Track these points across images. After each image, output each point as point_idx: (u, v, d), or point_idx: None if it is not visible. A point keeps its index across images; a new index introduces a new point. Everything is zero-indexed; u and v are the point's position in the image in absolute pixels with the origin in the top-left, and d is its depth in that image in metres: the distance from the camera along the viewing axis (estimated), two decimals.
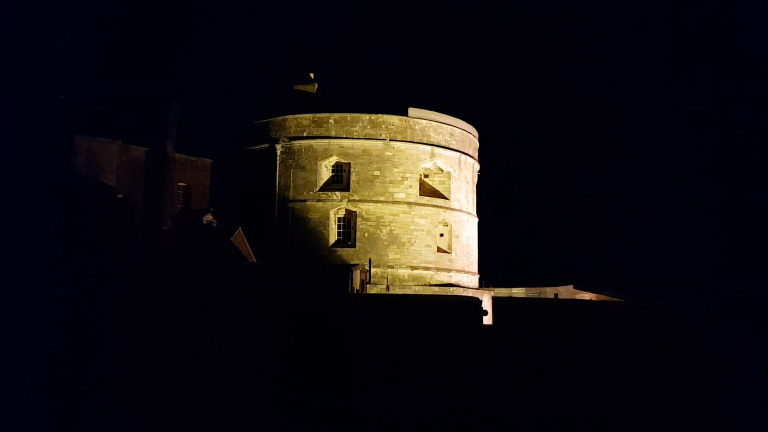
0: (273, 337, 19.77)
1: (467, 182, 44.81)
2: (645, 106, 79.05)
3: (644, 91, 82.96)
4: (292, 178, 40.85)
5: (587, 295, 42.54)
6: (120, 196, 36.30)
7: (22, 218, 21.91)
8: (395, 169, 40.78)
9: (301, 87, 46.00)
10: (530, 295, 43.27)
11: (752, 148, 70.65)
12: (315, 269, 37.42)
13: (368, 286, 37.32)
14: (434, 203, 41.80)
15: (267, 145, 41.73)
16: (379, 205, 40.29)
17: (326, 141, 40.81)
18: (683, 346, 23.90)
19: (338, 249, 39.97)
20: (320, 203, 40.37)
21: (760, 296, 51.79)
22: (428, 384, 19.66)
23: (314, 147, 40.85)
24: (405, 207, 40.60)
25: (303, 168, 40.82)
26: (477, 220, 46.14)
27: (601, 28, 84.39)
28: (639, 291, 45.64)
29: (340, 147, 40.72)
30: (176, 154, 39.84)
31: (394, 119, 41.35)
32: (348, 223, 40.53)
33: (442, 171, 42.85)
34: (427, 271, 40.67)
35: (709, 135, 73.72)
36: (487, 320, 23.30)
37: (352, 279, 36.42)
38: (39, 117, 26.89)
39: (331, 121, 41.07)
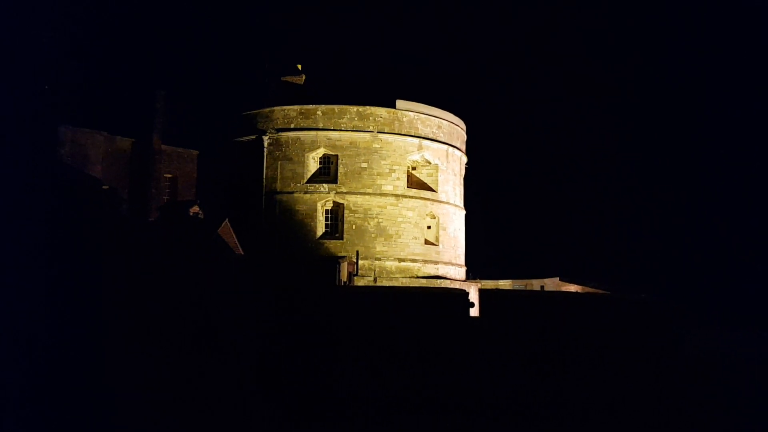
0: (260, 329, 19.78)
1: (455, 175, 44.88)
2: (629, 99, 79.45)
3: (628, 84, 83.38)
4: (279, 170, 40.72)
5: (573, 287, 42.79)
6: (105, 187, 36.09)
7: (6, 210, 21.73)
8: (383, 162, 40.75)
9: (288, 78, 45.81)
10: (517, 287, 43.47)
11: (735, 138, 71.27)
12: (302, 261, 37.42)
13: (356, 278, 37.37)
14: (422, 195, 41.82)
15: (254, 137, 41.55)
16: (366, 197, 40.25)
17: (314, 133, 40.69)
18: (668, 336, 24.13)
19: (326, 241, 39.93)
20: (308, 195, 40.28)
21: (746, 288, 52.37)
22: (415, 375, 19.75)
23: (302, 139, 40.73)
24: (392, 199, 40.60)
25: (290, 160, 40.69)
26: (464, 212, 46.25)
27: (589, 21, 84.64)
28: (624, 283, 45.99)
29: (328, 139, 40.61)
30: (163, 146, 39.60)
31: (382, 111, 41.29)
32: (335, 215, 40.48)
33: (430, 163, 42.88)
34: (415, 263, 40.73)
35: (695, 127, 74.25)
36: (474, 312, 23.41)
37: (339, 271, 36.50)
38: (23, 108, 26.64)
39: (318, 112, 40.95)
